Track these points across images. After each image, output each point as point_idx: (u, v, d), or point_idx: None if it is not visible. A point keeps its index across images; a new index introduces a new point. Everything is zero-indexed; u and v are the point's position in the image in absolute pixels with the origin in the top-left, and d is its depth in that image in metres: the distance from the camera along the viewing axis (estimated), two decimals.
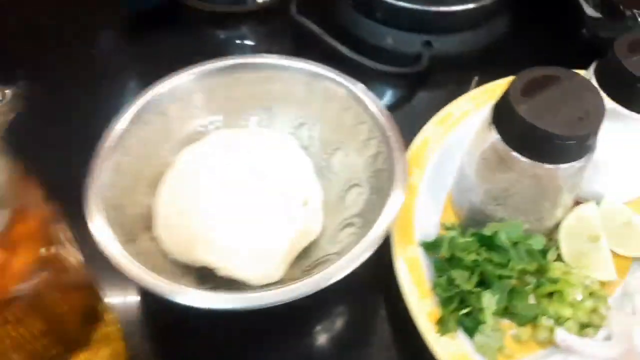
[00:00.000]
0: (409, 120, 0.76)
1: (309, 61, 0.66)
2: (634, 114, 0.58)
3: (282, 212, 0.59)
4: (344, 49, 0.77)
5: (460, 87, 0.76)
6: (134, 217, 0.60)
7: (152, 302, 0.60)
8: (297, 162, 0.63)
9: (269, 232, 0.58)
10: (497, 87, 0.71)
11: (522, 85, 0.53)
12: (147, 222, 0.61)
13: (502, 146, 0.55)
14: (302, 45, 0.83)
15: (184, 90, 0.65)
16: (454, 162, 0.65)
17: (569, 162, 0.54)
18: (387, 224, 0.54)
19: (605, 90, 0.58)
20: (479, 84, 0.75)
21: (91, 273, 0.51)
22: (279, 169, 0.61)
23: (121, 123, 0.60)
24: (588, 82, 0.55)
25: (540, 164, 0.54)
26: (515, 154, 0.54)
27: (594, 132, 0.53)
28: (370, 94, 0.63)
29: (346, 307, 0.62)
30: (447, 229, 0.62)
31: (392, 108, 0.80)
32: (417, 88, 0.82)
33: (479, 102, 0.71)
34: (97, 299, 0.53)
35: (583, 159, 0.55)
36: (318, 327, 0.61)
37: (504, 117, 0.54)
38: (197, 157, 0.62)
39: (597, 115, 0.53)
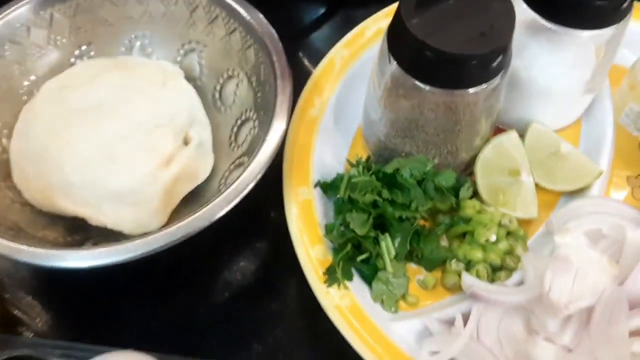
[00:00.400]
0: (324, 43, 0.68)
1: None
2: (560, 27, 0.49)
3: (153, 152, 0.51)
4: None
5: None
6: None
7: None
8: (176, 96, 0.55)
9: (138, 175, 0.50)
10: None
11: None
12: (6, 170, 0.54)
13: (400, 73, 0.47)
14: None
15: (37, 14, 0.56)
16: (364, 91, 0.57)
17: (476, 85, 0.46)
18: (265, 159, 0.47)
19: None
20: None
21: None
22: (153, 104, 0.53)
23: None
24: None
25: (443, 90, 0.46)
26: (415, 81, 0.46)
27: (502, 48, 0.44)
28: (256, 13, 0.55)
29: (238, 257, 0.55)
30: (352, 165, 0.55)
31: (308, 31, 0.73)
32: (332, 13, 0.72)
33: None
34: None
35: (494, 80, 0.47)
36: (211, 279, 0.55)
37: (398, 38, 0.46)
38: (56, 90, 0.53)
39: (505, 28, 0.44)
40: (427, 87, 0.47)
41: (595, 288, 0.44)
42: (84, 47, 0.59)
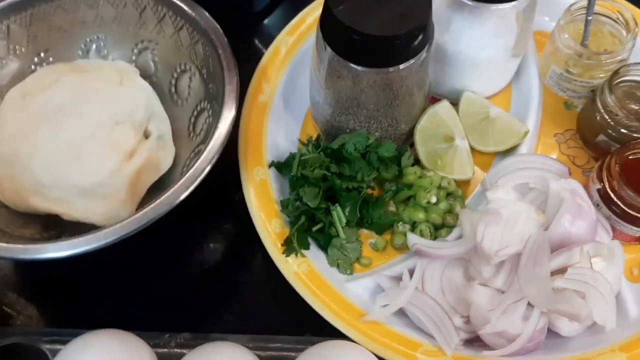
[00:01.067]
0: (271, 31, 0.72)
1: None
2: (479, 4, 0.54)
3: (116, 148, 0.55)
4: None
5: None
6: None
7: None
8: (132, 93, 0.58)
9: (104, 171, 0.54)
10: None
11: None
12: None
13: (336, 58, 0.51)
14: None
15: None
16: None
17: (405, 60, 0.51)
18: (218, 144, 0.52)
19: None
20: None
21: None
22: (111, 103, 0.57)
23: None
24: None
25: (369, 69, 0.50)
26: (350, 65, 0.51)
27: (421, 27, 0.49)
28: (201, 10, 0.58)
29: (204, 235, 0.60)
30: (303, 145, 0.59)
31: (251, 23, 0.76)
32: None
33: None
34: None
35: (421, 53, 0.51)
36: (181, 259, 0.59)
37: (330, 27, 0.50)
38: (19, 98, 0.57)
39: (423, 7, 0.49)
40: (361, 68, 0.51)
41: (522, 236, 0.50)
42: (42, 54, 0.62)
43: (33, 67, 0.62)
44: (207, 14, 0.58)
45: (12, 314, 0.56)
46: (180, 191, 0.50)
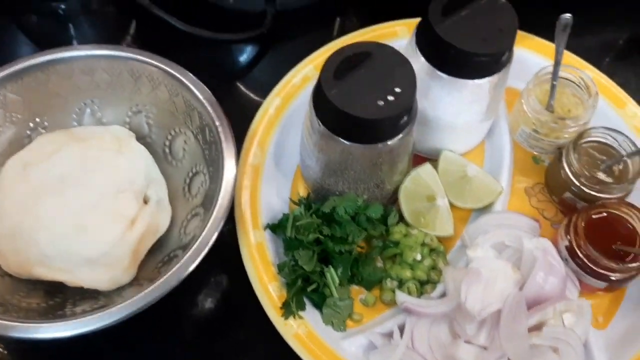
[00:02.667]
0: (258, 86, 0.75)
1: (129, 48, 0.63)
2: (452, 78, 0.59)
3: (119, 217, 0.57)
4: (177, 22, 0.72)
5: (308, 46, 0.74)
6: None
7: None
8: (132, 160, 0.61)
9: (108, 241, 0.56)
10: (338, 45, 0.70)
11: (335, 68, 0.53)
12: None
13: (327, 132, 0.55)
14: (136, 25, 0.78)
15: None
16: (299, 133, 0.64)
17: (390, 138, 0.55)
18: (221, 215, 0.55)
19: (423, 54, 0.58)
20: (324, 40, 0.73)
21: None
22: (112, 172, 0.59)
23: None
24: (398, 54, 0.55)
25: (359, 144, 0.55)
26: (340, 139, 0.55)
27: (407, 108, 0.53)
28: (198, 82, 0.61)
29: (206, 302, 0.63)
30: (295, 204, 0.63)
31: (240, 75, 0.79)
32: (265, 51, 0.79)
33: (318, 64, 0.69)
34: None
35: (403, 132, 0.55)
36: (180, 319, 0.62)
37: (320, 103, 0.54)
38: (19, 169, 0.58)
39: (408, 90, 0.53)
40: (350, 144, 0.55)
41: (502, 294, 0.55)
42: (37, 119, 0.64)
43: (29, 132, 0.64)
44: (204, 86, 0.61)
45: None
46: (190, 262, 0.53)
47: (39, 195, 0.57)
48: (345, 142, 0.55)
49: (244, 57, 0.80)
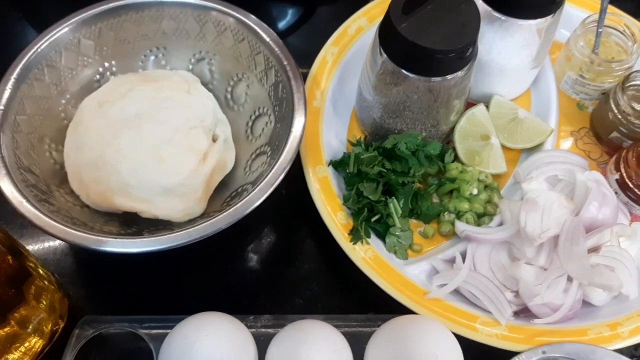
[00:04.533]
0: (310, 40, 0.78)
1: None
2: (509, 18, 0.62)
3: (193, 151, 0.60)
4: None
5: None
6: (46, 174, 0.61)
7: (81, 252, 0.62)
8: (200, 100, 0.64)
9: (183, 171, 0.59)
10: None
11: (402, 4, 0.56)
12: (61, 178, 0.62)
13: (391, 66, 0.58)
14: None
15: (67, 41, 0.64)
16: (354, 80, 0.67)
17: (452, 72, 0.58)
18: (292, 150, 0.57)
19: None
20: None
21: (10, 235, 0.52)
22: (184, 109, 0.62)
23: (8, 84, 0.59)
24: None
25: (427, 77, 0.57)
26: (404, 71, 0.58)
27: (472, 42, 0.56)
28: (263, 24, 0.64)
29: (273, 230, 0.66)
30: (353, 145, 0.66)
31: (291, 30, 0.83)
32: (315, 6, 0.82)
33: (372, 16, 0.72)
34: (23, 258, 0.54)
35: (466, 68, 0.59)
36: (249, 250, 0.65)
37: (389, 38, 0.57)
38: (96, 106, 0.61)
39: (473, 26, 0.56)
40: (413, 76, 0.58)
41: (558, 220, 0.58)
42: (106, 64, 0.67)
43: (98, 76, 0.67)
44: (267, 27, 0.63)
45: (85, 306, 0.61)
46: (260, 194, 0.55)
47: (117, 130, 0.60)
48: (410, 75, 0.58)
49: (290, 18, 0.83)
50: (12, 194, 0.54)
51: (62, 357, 0.54)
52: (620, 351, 0.54)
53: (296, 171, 0.63)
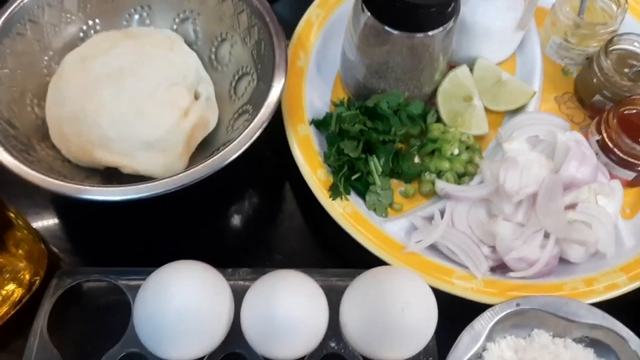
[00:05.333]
0: (296, 9, 0.77)
1: None
2: None
3: (174, 106, 0.60)
4: None
5: None
6: (27, 128, 0.61)
7: (61, 205, 0.62)
8: (183, 58, 0.64)
9: (164, 126, 0.59)
10: None
11: None
12: (43, 133, 0.62)
13: (375, 23, 0.58)
14: None
15: None
16: (339, 42, 0.67)
17: (435, 28, 0.58)
18: (272, 104, 0.57)
19: None
20: None
21: None
22: (166, 66, 0.62)
23: None
24: None
25: (409, 33, 0.57)
26: (387, 28, 0.58)
27: None
28: None
29: (254, 189, 0.66)
30: (336, 105, 0.66)
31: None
32: None
33: None
34: (4, 208, 0.55)
35: (449, 23, 0.59)
36: (229, 207, 0.65)
37: None
38: (78, 61, 0.61)
39: None
40: (396, 32, 0.58)
41: (537, 178, 0.58)
42: (90, 22, 0.67)
43: (82, 34, 0.67)
44: None
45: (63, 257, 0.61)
46: (237, 148, 0.55)
47: (99, 84, 0.60)
48: (388, 29, 0.57)
49: None
50: None
51: (39, 307, 0.54)
52: (595, 306, 0.54)
53: (279, 133, 0.64)
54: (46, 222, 0.63)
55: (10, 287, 0.54)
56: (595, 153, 0.62)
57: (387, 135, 0.61)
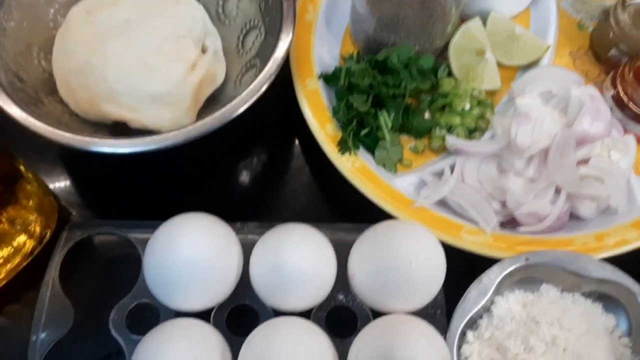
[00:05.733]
0: None
1: None
2: None
3: (180, 59, 0.59)
4: None
5: None
6: (34, 82, 0.60)
7: (70, 159, 0.62)
8: (190, 10, 0.63)
9: (172, 79, 0.59)
10: None
11: None
12: (50, 86, 0.61)
13: None
14: None
15: None
16: None
17: None
18: (280, 57, 0.56)
19: None
20: None
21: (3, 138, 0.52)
22: (172, 18, 0.61)
23: None
24: None
25: None
26: None
27: None
28: None
29: (263, 145, 0.66)
30: (346, 59, 0.65)
31: None
32: None
33: None
34: (14, 160, 0.55)
35: None
36: (238, 164, 0.65)
37: None
38: (84, 14, 0.60)
39: None
40: None
41: (549, 133, 0.57)
42: None
43: None
44: None
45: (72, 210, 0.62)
46: (244, 101, 0.55)
47: (104, 37, 0.59)
48: None
49: None
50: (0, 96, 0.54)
51: (50, 259, 0.55)
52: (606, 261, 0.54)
53: (288, 88, 0.63)
54: (56, 177, 0.63)
55: (22, 238, 0.54)
56: (609, 108, 0.61)
57: (397, 90, 0.61)
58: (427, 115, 0.64)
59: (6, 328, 0.56)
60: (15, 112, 0.53)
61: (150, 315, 0.51)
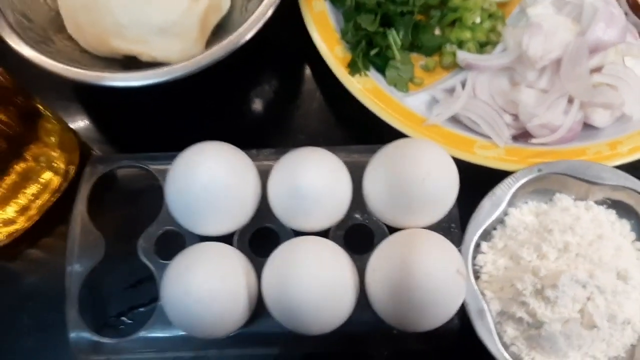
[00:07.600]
0: None
1: None
2: None
3: None
4: None
5: None
6: (42, 20, 0.60)
7: (85, 95, 0.63)
8: None
9: (177, 10, 0.58)
10: None
11: None
12: (58, 24, 0.62)
13: None
14: None
15: None
16: None
17: None
18: None
19: None
20: None
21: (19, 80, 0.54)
22: None
23: None
24: None
25: None
26: None
27: None
28: None
29: (273, 72, 0.66)
30: None
31: None
32: None
33: None
34: (33, 100, 0.56)
35: None
36: (249, 91, 0.66)
37: None
38: None
39: None
40: None
41: (562, 43, 0.56)
42: None
43: None
44: None
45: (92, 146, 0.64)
46: (250, 28, 0.55)
47: None
48: None
49: None
50: (9, 36, 0.54)
51: (76, 193, 0.57)
52: (619, 169, 0.54)
53: (295, 12, 0.62)
54: (73, 115, 0.64)
55: (48, 175, 0.56)
56: (624, 13, 0.59)
57: (405, 7, 0.60)
58: (437, 31, 0.63)
59: (43, 260, 0.59)
60: (26, 51, 0.54)
61: (176, 241, 0.53)
